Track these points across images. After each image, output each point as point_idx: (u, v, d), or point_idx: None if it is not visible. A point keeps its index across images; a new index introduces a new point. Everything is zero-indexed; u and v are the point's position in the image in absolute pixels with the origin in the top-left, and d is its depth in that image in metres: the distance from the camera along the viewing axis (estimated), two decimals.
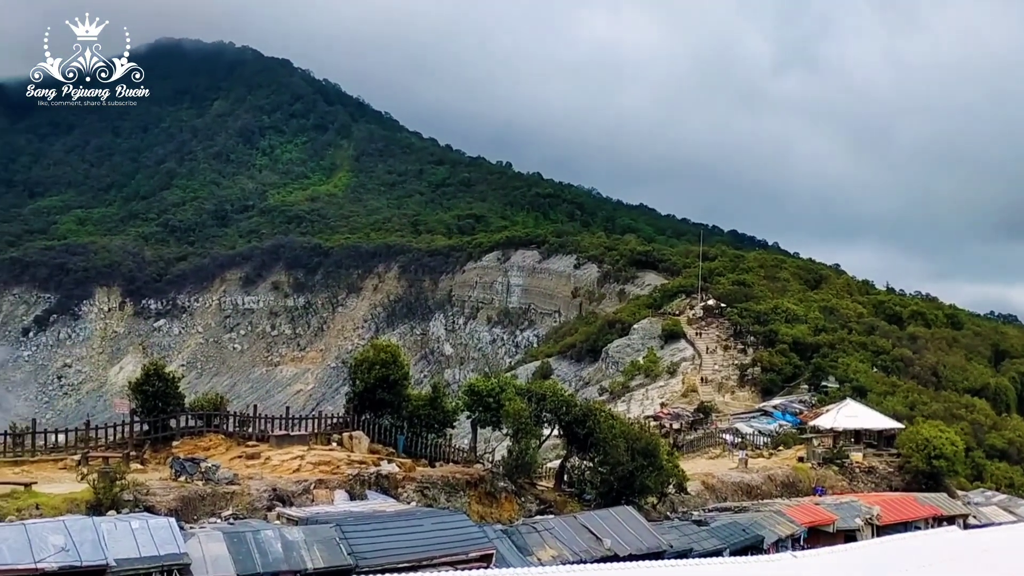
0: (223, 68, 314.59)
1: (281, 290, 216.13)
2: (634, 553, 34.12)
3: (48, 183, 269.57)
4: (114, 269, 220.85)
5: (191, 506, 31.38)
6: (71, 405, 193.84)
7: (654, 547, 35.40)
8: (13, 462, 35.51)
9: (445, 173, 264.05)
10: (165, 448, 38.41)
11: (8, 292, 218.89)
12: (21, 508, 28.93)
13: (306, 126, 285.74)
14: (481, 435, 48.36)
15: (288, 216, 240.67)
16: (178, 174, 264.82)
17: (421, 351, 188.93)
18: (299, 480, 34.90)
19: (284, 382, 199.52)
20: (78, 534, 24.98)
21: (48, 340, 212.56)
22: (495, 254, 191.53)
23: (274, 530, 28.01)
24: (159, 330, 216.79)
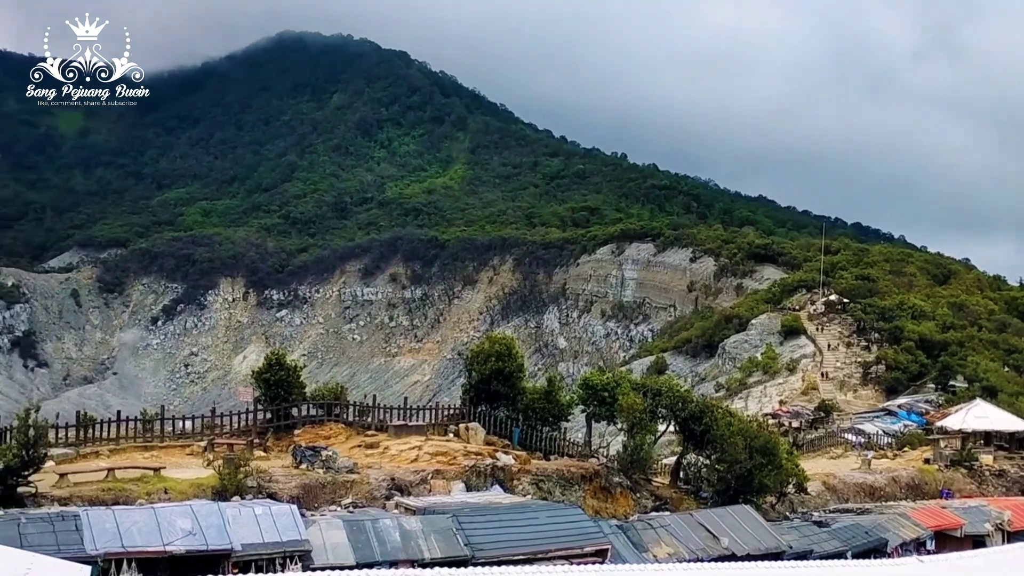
0: (342, 61, 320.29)
1: (399, 282, 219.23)
2: (752, 553, 33.40)
3: (175, 176, 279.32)
4: (238, 260, 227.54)
5: (312, 494, 31.97)
6: (197, 392, 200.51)
7: (773, 547, 34.59)
8: (143, 447, 36.79)
9: (560, 165, 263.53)
10: (287, 436, 39.27)
11: (138, 282, 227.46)
12: (151, 492, 29.90)
13: (423, 118, 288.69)
14: (595, 429, 48.08)
15: (405, 208, 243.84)
16: (299, 167, 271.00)
17: (535, 344, 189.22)
18: (417, 470, 35.23)
19: (402, 373, 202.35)
20: (204, 519, 25.64)
21: (176, 329, 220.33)
22: (609, 247, 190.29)
23: (392, 519, 28.29)
24: (281, 320, 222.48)
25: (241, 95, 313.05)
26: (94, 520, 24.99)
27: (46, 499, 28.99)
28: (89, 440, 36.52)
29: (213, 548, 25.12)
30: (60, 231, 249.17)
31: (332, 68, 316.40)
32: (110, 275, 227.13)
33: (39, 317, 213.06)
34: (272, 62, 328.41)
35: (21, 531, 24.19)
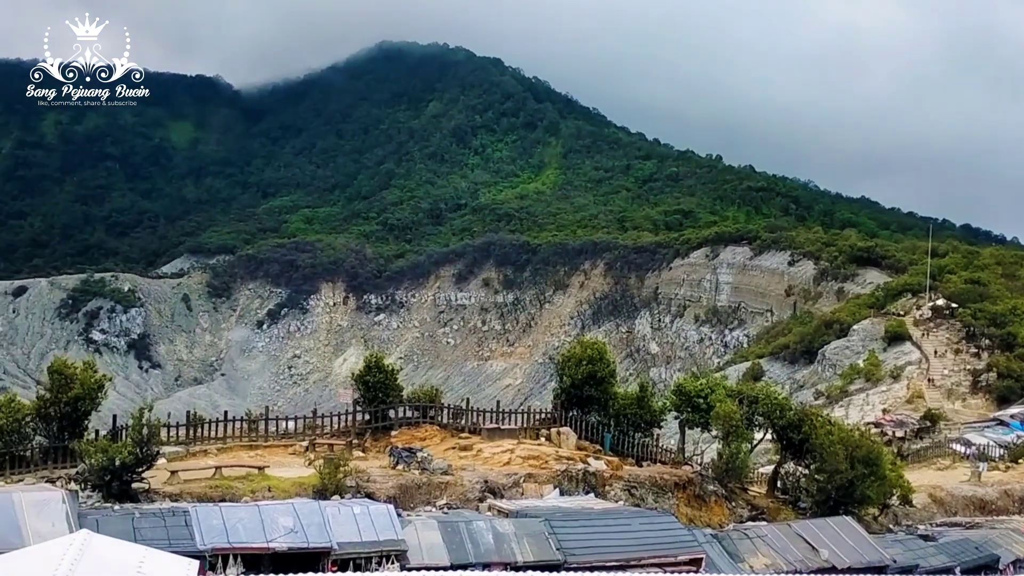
0: (438, 69, 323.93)
1: (491, 286, 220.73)
2: (853, 566, 32.82)
3: (279, 184, 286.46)
4: (338, 265, 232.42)
5: (408, 494, 32.64)
6: (300, 394, 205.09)
7: (876, 561, 33.87)
8: (248, 446, 38.07)
9: (652, 168, 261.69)
10: (384, 437, 40.13)
11: (244, 287, 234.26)
12: (255, 490, 30.97)
13: (516, 124, 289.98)
14: (689, 436, 47.77)
15: (498, 214, 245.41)
16: (396, 174, 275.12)
17: (627, 349, 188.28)
18: (509, 473, 35.60)
19: (494, 376, 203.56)
20: (306, 517, 26.50)
21: (280, 332, 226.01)
22: (704, 250, 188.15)
23: (486, 521, 28.74)
24: (379, 324, 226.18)
25: (342, 105, 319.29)
26: (202, 516, 26.06)
27: (158, 495, 30.28)
28: (198, 439, 37.97)
29: (313, 546, 25.94)
30: (172, 238, 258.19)
31: (428, 76, 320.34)
32: (219, 280, 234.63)
33: (153, 321, 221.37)
34: (371, 72, 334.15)
35: (135, 525, 25.36)
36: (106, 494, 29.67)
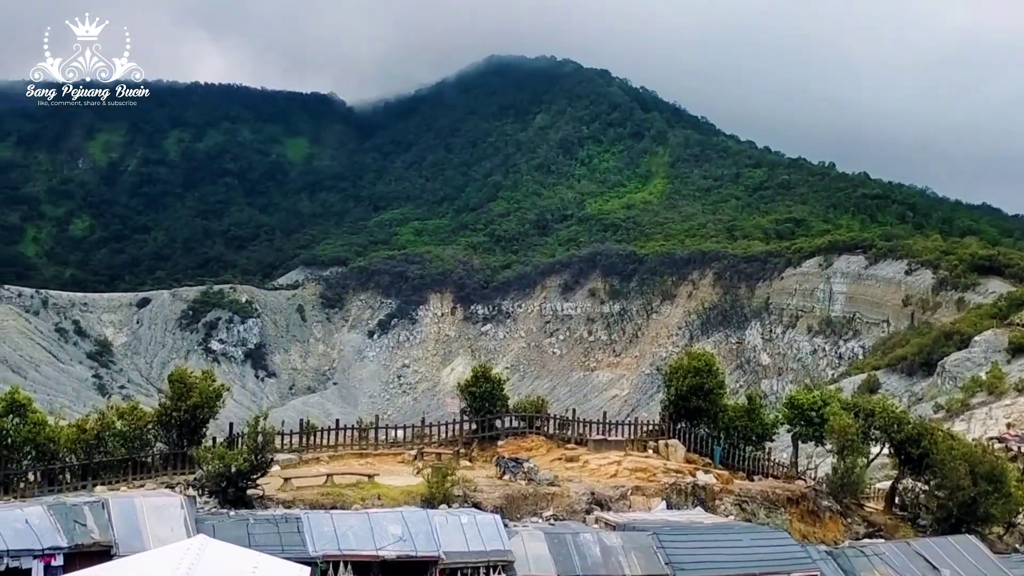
0: (546, 81, 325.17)
1: (598, 297, 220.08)
2: None
3: (390, 197, 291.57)
4: (446, 276, 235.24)
5: (514, 504, 32.69)
6: (408, 403, 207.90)
7: None
8: (359, 454, 38.73)
9: (763, 176, 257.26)
10: (491, 447, 40.33)
11: (356, 297, 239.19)
12: (365, 498, 31.46)
13: (623, 134, 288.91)
14: (802, 450, 46.77)
15: (604, 224, 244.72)
16: (503, 186, 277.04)
17: (736, 360, 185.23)
18: (616, 485, 35.34)
19: (600, 387, 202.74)
20: (414, 525, 26.80)
21: (389, 342, 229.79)
22: (816, 259, 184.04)
23: (593, 534, 28.59)
24: (486, 334, 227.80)
25: (451, 119, 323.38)
26: (314, 523, 26.61)
27: (272, 502, 31.02)
28: (311, 446, 38.81)
29: (422, 554, 26.21)
30: (288, 251, 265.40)
31: (536, 89, 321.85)
32: (332, 291, 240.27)
33: (269, 331, 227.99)
34: (480, 86, 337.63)
35: (249, 531, 26.04)
36: (222, 500, 30.53)
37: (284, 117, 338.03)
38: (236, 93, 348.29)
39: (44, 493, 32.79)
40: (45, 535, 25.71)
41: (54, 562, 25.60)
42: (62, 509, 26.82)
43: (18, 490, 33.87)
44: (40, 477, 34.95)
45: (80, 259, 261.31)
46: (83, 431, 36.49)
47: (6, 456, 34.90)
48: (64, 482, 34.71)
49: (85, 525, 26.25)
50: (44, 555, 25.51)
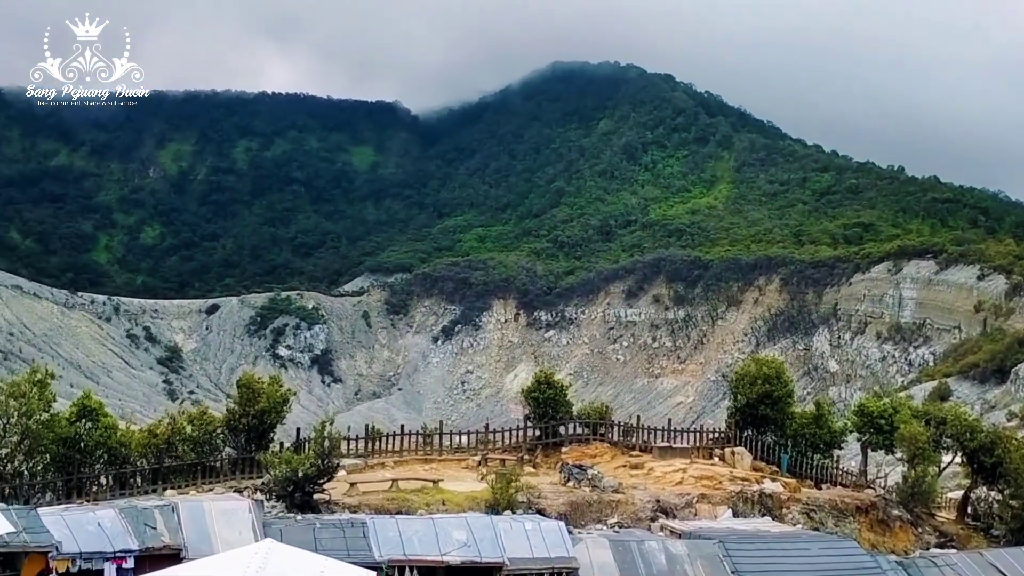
0: (609, 87, 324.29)
1: (662, 303, 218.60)
2: None
3: (453, 204, 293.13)
4: (510, 283, 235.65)
5: (578, 511, 32.65)
6: (472, 409, 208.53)
7: None
8: (424, 459, 39.01)
9: (830, 180, 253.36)
10: (555, 453, 40.33)
11: (420, 304, 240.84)
12: (430, 503, 31.66)
13: (687, 139, 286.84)
14: (872, 458, 46.05)
15: (669, 229, 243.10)
16: (566, 192, 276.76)
17: (804, 367, 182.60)
18: (681, 493, 35.13)
19: (665, 394, 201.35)
20: (479, 531, 26.87)
21: (453, 348, 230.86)
22: (885, 265, 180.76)
23: (658, 542, 28.42)
24: (549, 340, 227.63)
25: (514, 126, 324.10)
26: (380, 528, 26.83)
27: (338, 506, 31.37)
28: (376, 452, 39.20)
29: (486, 560, 26.27)
30: (353, 258, 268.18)
31: (600, 95, 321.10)
32: (396, 298, 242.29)
33: (335, 337, 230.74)
34: (544, 92, 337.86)
35: (316, 535, 26.36)
36: (289, 504, 30.95)
37: (350, 125, 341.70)
38: (303, 102, 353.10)
39: (116, 496, 33.52)
40: (117, 538, 26.28)
41: (125, 564, 26.15)
42: (133, 512, 27.38)
43: (90, 493, 34.69)
44: (112, 481, 35.76)
45: (151, 266, 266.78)
46: (153, 435, 37.33)
47: (79, 460, 35.80)
48: (135, 486, 35.48)
49: (155, 528, 26.78)
50: (115, 557, 26.06)
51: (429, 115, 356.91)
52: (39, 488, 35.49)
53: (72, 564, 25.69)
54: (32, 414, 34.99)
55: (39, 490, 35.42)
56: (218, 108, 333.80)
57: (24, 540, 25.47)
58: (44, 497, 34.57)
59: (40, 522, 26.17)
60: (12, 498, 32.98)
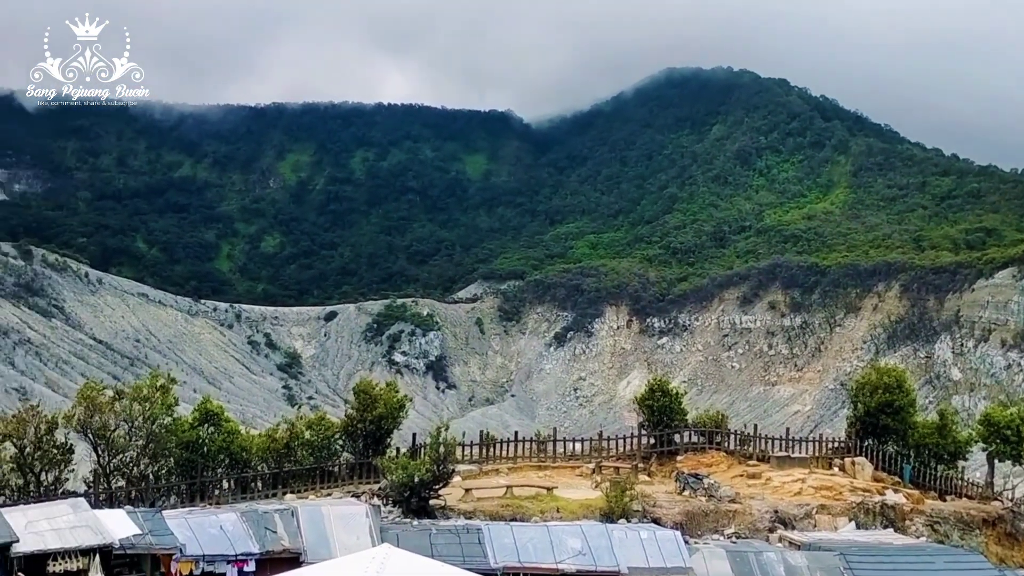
0: (722, 92, 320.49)
1: (777, 309, 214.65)
2: None
3: (565, 211, 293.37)
4: (622, 289, 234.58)
5: (695, 521, 32.37)
6: (585, 416, 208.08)
7: None
8: (537, 466, 39.21)
9: (951, 184, 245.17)
10: (670, 462, 40.08)
11: (533, 310, 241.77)
12: (544, 510, 31.81)
13: (802, 144, 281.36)
14: (998, 469, 44.36)
15: (784, 235, 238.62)
16: (679, 198, 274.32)
17: (925, 375, 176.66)
18: (800, 503, 34.53)
19: (781, 402, 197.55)
20: (594, 539, 26.90)
21: (566, 354, 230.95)
22: (1010, 270, 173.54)
23: (776, 553, 27.98)
24: (662, 347, 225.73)
25: (627, 132, 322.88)
26: (495, 534, 27.09)
27: (453, 512, 31.78)
28: (490, 458, 39.56)
29: (601, 569, 26.26)
30: (467, 265, 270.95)
31: (712, 100, 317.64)
32: (509, 304, 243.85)
33: (449, 343, 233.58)
34: (656, 99, 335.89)
35: (432, 541, 26.77)
36: (405, 509, 31.48)
37: (463, 135, 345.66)
38: (418, 113, 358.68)
39: (237, 500, 34.52)
40: (238, 541, 27.09)
41: (246, 567, 26.91)
42: (254, 516, 28.19)
43: (213, 497, 35.85)
44: (233, 485, 36.89)
45: (271, 274, 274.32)
46: (273, 440, 38.44)
47: (201, 464, 37.07)
48: (256, 490, 36.49)
49: (275, 532, 27.52)
50: (237, 560, 26.85)
51: (541, 123, 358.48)
52: (163, 491, 36.77)
53: (195, 566, 26.55)
54: (156, 418, 36.32)
55: (163, 493, 36.69)
56: (336, 119, 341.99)
57: (150, 542, 26.48)
58: (168, 500, 35.80)
59: (165, 525, 27.14)
60: (138, 501, 34.26)
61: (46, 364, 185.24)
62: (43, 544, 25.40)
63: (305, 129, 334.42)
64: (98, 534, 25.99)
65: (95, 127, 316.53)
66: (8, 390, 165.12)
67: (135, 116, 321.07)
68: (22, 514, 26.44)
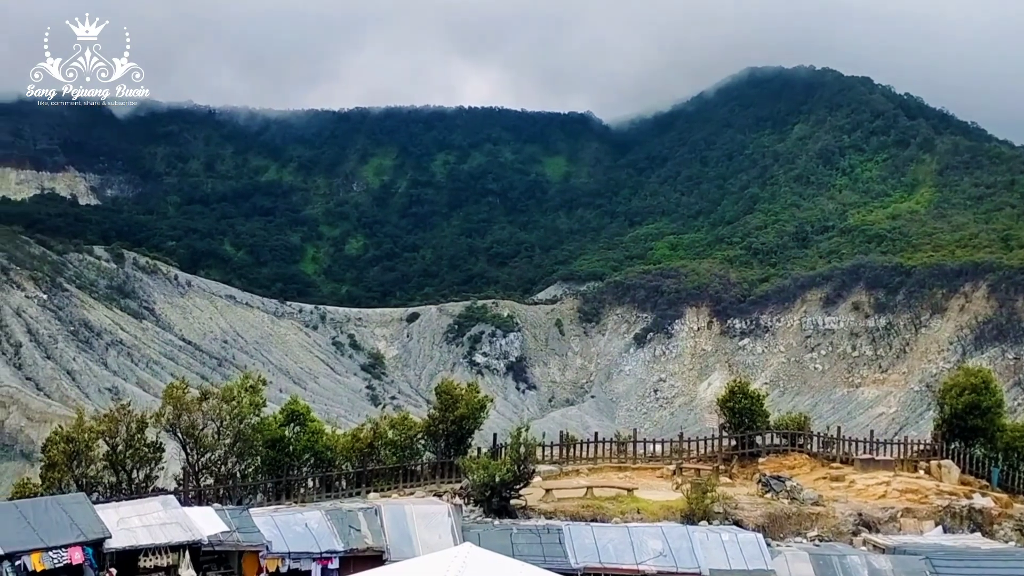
0: (804, 91, 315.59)
1: (861, 310, 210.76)
2: None
3: (645, 213, 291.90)
4: (702, 291, 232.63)
5: (777, 523, 32.18)
6: (665, 417, 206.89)
7: None
8: (617, 467, 39.32)
9: None
10: (751, 464, 39.83)
11: (612, 312, 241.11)
12: (624, 511, 31.94)
13: (886, 143, 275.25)
14: None
15: (868, 235, 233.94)
16: (760, 198, 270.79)
17: (1014, 377, 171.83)
18: (885, 507, 34.10)
19: (865, 404, 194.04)
20: (675, 541, 26.91)
21: (645, 356, 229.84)
22: None
23: (861, 556, 27.69)
24: (743, 349, 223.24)
25: (707, 133, 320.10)
26: (575, 535, 27.30)
27: (534, 512, 32.10)
28: (570, 458, 39.79)
29: (683, 571, 26.27)
30: (546, 267, 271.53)
31: (794, 99, 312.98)
32: (588, 306, 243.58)
33: (529, 344, 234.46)
34: (736, 99, 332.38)
35: (513, 540, 27.05)
36: (487, 509, 31.88)
37: (543, 137, 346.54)
38: (498, 116, 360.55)
39: (322, 498, 35.28)
40: (323, 539, 27.66)
41: (331, 565, 27.43)
42: (338, 514, 28.76)
43: (298, 495, 36.69)
44: (318, 483, 37.69)
45: (355, 276, 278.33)
46: (357, 440, 39.20)
47: (287, 462, 37.98)
48: (340, 488, 37.22)
49: (359, 530, 28.04)
50: (322, 558, 27.39)
51: (621, 124, 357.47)
52: (250, 489, 37.71)
53: (281, 563, 27.17)
54: (244, 418, 37.31)
55: (250, 491, 37.62)
56: (417, 123, 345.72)
57: (237, 539, 27.18)
58: (255, 498, 36.70)
59: (252, 522, 27.80)
60: (225, 499, 35.23)
61: (137, 364, 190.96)
62: (135, 540, 26.14)
63: (387, 133, 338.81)
64: (187, 531, 26.69)
65: (184, 133, 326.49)
66: (101, 390, 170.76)
67: (222, 122, 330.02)
68: (115, 511, 27.28)
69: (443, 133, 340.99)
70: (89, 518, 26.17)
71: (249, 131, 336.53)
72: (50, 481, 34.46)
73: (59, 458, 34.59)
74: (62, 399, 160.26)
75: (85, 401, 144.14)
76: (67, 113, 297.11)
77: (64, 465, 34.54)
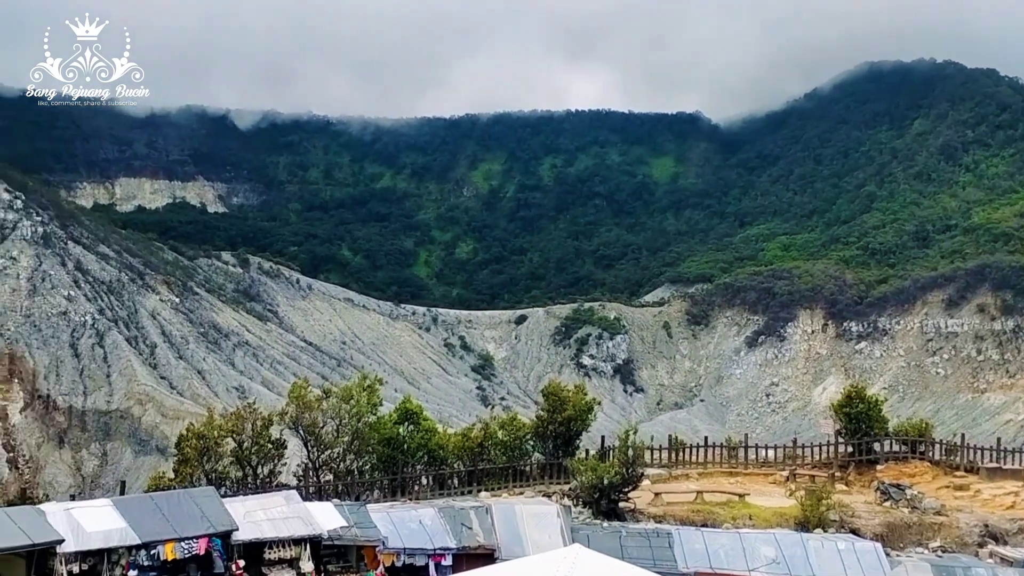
0: (923, 85, 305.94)
1: (987, 313, 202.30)
2: None
3: (755, 213, 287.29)
4: (816, 292, 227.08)
5: (896, 533, 31.12)
6: (778, 422, 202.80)
7: None
8: (728, 472, 38.63)
9: None
10: (869, 471, 38.63)
11: (722, 314, 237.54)
12: (735, 517, 31.33)
13: (1014, 137, 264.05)
14: None
15: (994, 234, 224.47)
16: (878, 197, 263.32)
17: None
18: (1014, 518, 32.65)
19: (991, 410, 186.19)
20: (788, 548, 26.26)
21: (756, 359, 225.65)
22: None
23: (987, 569, 26.53)
24: (860, 352, 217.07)
25: (820, 130, 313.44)
26: (685, 539, 26.90)
27: (643, 515, 31.76)
28: (680, 462, 39.26)
29: None
30: (654, 269, 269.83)
31: (913, 94, 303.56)
32: (697, 308, 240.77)
33: (636, 347, 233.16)
34: (851, 95, 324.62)
35: (622, 543, 26.85)
36: (595, 511, 31.70)
37: (650, 138, 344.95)
38: (605, 118, 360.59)
39: (435, 496, 35.78)
40: (436, 536, 28.10)
41: (444, 561, 27.87)
42: (451, 512, 29.13)
43: (412, 492, 37.23)
44: (431, 481, 38.21)
45: (465, 279, 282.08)
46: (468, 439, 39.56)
47: (402, 460, 38.58)
48: (452, 486, 37.69)
49: (471, 528, 28.33)
50: (435, 554, 27.84)
51: (731, 123, 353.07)
52: (367, 486, 38.49)
53: (396, 559, 27.72)
54: (361, 416, 38.22)
55: (367, 487, 38.41)
56: (525, 128, 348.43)
57: (355, 534, 27.87)
58: (371, 494, 37.44)
59: (369, 518, 28.49)
60: (344, 495, 36.02)
61: (262, 364, 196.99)
62: (260, 533, 27.18)
63: (496, 138, 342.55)
64: (309, 525, 27.55)
65: (304, 143, 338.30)
66: (229, 389, 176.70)
67: (339, 131, 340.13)
68: (241, 504, 28.41)
69: (550, 137, 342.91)
70: (218, 511, 27.24)
71: (363, 140, 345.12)
72: (182, 475, 35.99)
73: (191, 453, 36.24)
74: (193, 397, 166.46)
75: (214, 399, 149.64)
76: (196, 125, 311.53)
77: (195, 460, 36.13)
